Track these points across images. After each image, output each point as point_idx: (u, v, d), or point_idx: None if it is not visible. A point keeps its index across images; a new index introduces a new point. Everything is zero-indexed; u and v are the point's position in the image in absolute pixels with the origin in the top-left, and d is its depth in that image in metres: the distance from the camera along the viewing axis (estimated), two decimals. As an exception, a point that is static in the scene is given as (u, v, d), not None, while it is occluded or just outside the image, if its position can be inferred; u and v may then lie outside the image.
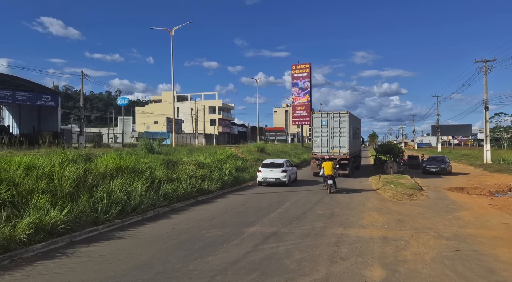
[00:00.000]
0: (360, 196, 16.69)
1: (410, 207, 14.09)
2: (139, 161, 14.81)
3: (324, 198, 15.83)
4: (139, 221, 10.97)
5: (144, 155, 17.65)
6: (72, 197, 10.01)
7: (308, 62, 55.69)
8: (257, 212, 12.77)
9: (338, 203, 14.73)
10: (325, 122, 24.01)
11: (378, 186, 19.62)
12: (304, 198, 15.92)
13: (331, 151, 23.95)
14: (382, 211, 13.00)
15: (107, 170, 12.52)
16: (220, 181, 17.61)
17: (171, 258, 7.61)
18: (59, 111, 40.96)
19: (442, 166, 29.13)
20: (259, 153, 32.24)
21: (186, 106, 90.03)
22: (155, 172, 14.40)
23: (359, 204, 14.44)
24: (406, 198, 15.92)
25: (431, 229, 10.36)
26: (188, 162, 17.60)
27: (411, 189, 17.98)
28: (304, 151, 50.16)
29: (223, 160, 21.65)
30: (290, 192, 17.71)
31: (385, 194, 17.02)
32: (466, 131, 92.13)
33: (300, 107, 56.67)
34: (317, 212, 12.84)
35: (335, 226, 10.64)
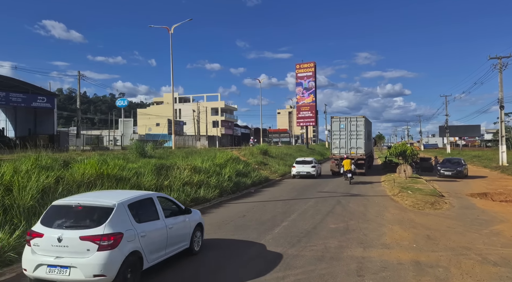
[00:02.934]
0: (376, 204, 14.83)
1: (435, 218, 12.21)
2: (125, 167, 13.05)
3: (335, 208, 13.98)
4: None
5: (135, 159, 15.92)
6: (34, 213, 8.26)
7: (313, 61, 53.89)
8: (259, 226, 10.97)
9: (352, 213, 12.89)
10: (343, 125, 26.65)
11: (393, 192, 17.74)
12: (312, 207, 14.09)
13: (348, 152, 26.28)
14: (405, 225, 11.14)
15: (84, 178, 10.76)
16: (219, 188, 15.83)
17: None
18: (55, 113, 39.58)
19: (458, 169, 27.20)
20: (262, 155, 30.44)
21: (188, 108, 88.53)
22: (142, 179, 12.64)
23: (376, 215, 12.59)
24: (429, 207, 14.04)
25: (471, 249, 8.50)
26: (183, 167, 15.83)
27: (431, 196, 16.10)
28: (309, 153, 48.27)
29: (222, 164, 19.86)
30: (296, 200, 15.89)
31: (404, 202, 15.15)
32: (475, 131, 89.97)
33: (304, 108, 54.79)
34: (330, 225, 11.00)
35: (352, 246, 8.82)
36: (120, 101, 57.16)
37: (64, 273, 5.48)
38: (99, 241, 5.54)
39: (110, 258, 5.53)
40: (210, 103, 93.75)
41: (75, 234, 5.58)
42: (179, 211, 7.82)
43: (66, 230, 5.68)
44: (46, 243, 5.62)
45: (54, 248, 5.58)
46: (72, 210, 5.99)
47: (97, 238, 5.54)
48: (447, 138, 73.76)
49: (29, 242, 5.78)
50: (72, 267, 5.47)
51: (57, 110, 43.66)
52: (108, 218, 5.78)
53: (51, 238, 5.60)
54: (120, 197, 6.44)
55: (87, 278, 5.46)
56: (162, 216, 7.04)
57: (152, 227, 6.61)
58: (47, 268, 5.53)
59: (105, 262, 5.47)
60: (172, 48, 36.05)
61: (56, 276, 5.51)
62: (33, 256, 5.66)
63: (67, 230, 5.67)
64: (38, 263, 5.59)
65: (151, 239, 6.45)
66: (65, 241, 5.55)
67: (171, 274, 6.92)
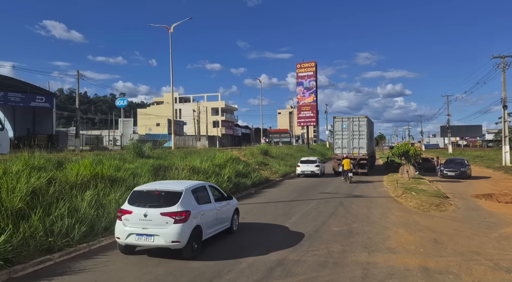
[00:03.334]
0: (379, 206, 14.43)
1: (441, 221, 11.81)
2: (121, 168, 12.67)
3: (338, 210, 13.58)
4: (111, 243, 8.79)
5: (132, 160, 15.53)
6: (22, 215, 7.87)
7: (314, 61, 53.43)
8: (259, 228, 10.58)
9: (355, 215, 12.49)
10: (345, 125, 26.53)
11: (397, 193, 17.34)
12: (314, 209, 13.69)
13: (351, 152, 26.24)
14: (410, 227, 10.74)
15: (78, 179, 10.38)
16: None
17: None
18: (54, 112, 39.26)
19: (462, 170, 26.78)
20: (263, 156, 30.03)
21: (188, 108, 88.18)
22: (139, 180, 12.24)
23: (380, 217, 12.19)
24: (434, 209, 13.64)
25: (481, 254, 8.10)
26: (181, 168, 15.45)
27: (436, 197, 15.70)
28: (310, 154, 47.84)
29: (222, 164, 19.46)
30: (297, 202, 15.50)
31: (408, 203, 14.75)
32: (476, 131, 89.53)
33: (305, 108, 54.38)
34: (332, 228, 10.61)
35: (357, 250, 8.42)
36: (119, 101, 56.71)
37: (149, 240, 7.42)
38: (175, 216, 7.39)
39: (183, 229, 7.38)
40: (211, 103, 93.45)
41: (157, 211, 7.48)
42: (222, 197, 9.62)
43: (149, 208, 7.58)
44: (134, 218, 7.51)
45: (141, 222, 7.47)
46: (151, 193, 8.02)
47: (173, 214, 7.41)
48: (448, 138, 73.30)
49: (120, 218, 7.67)
50: (155, 236, 7.36)
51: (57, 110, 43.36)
52: (180, 199, 7.67)
53: (138, 214, 7.49)
54: (184, 184, 8.49)
55: (167, 243, 7.34)
56: (212, 200, 8.95)
57: (207, 208, 8.50)
58: (136, 236, 7.45)
59: (179, 232, 7.33)
60: (171, 48, 35.74)
61: (143, 242, 7.50)
62: (125, 227, 7.55)
63: (150, 208, 7.57)
64: (129, 233, 7.48)
65: (207, 217, 8.32)
66: (149, 216, 7.44)
67: (218, 246, 8.85)
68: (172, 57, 36.00)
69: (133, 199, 7.87)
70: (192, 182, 9.18)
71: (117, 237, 7.66)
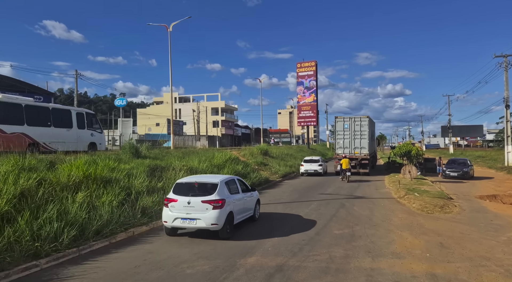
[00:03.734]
0: (382, 208, 14.03)
1: (447, 223, 11.42)
2: (115, 168, 12.27)
3: (339, 211, 13.19)
4: (103, 247, 8.42)
5: (128, 160, 15.14)
6: (8, 219, 7.48)
7: (314, 60, 52.99)
8: (258, 231, 10.19)
9: (357, 218, 12.09)
10: (347, 125, 26.37)
11: (399, 194, 16.94)
12: (314, 211, 13.30)
13: (352, 152, 26.15)
14: (415, 230, 10.35)
15: (70, 180, 9.99)
16: (216, 190, 15.03)
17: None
18: (52, 112, 38.77)
19: (464, 170, 26.40)
20: (262, 156, 29.62)
21: (188, 108, 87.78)
22: (134, 182, 11.85)
23: (383, 220, 11.79)
24: (438, 210, 13.25)
25: (490, 260, 7.71)
26: (178, 168, 15.05)
27: (440, 198, 15.31)
28: (311, 154, 47.46)
29: (221, 164, 19.07)
30: (297, 203, 15.12)
31: (411, 205, 14.35)
32: (478, 131, 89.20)
33: (305, 107, 53.96)
34: (334, 231, 10.22)
35: (360, 255, 8.03)
36: (118, 100, 56.07)
37: (192, 223, 8.98)
38: (214, 203, 8.91)
39: (220, 214, 8.93)
40: (210, 103, 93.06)
41: (198, 199, 9.00)
42: (247, 189, 11.20)
43: (191, 197, 9.09)
44: (179, 205, 9.05)
45: (185, 208, 9.00)
46: (191, 185, 9.55)
47: (212, 201, 8.95)
48: (449, 138, 72.88)
49: (166, 205, 9.19)
50: (198, 219, 8.90)
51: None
52: (216, 189, 9.20)
53: (183, 201, 9.03)
54: (218, 178, 10.13)
55: (207, 225, 8.88)
56: (240, 191, 10.52)
57: (237, 198, 10.09)
58: (181, 220, 9.02)
59: (217, 216, 8.88)
60: (170, 46, 35.36)
61: (187, 225, 9.07)
62: (171, 213, 9.07)
63: (192, 197, 9.08)
64: (175, 217, 9.03)
65: (237, 205, 9.93)
66: (192, 203, 8.97)
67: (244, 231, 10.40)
68: (171, 57, 35.66)
69: (177, 189, 9.46)
70: (224, 176, 11.17)
71: (165, 221, 9.22)
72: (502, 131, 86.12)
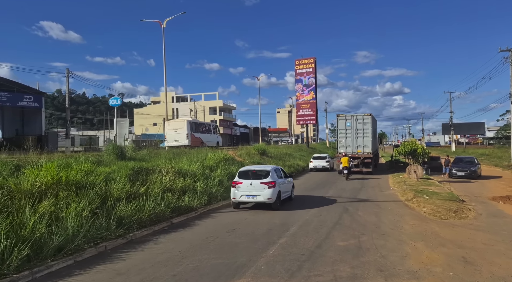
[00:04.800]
0: (389, 213, 12.73)
1: (464, 231, 10.12)
2: (92, 172, 10.95)
3: (342, 217, 11.87)
4: (65, 268, 7.10)
5: (110, 162, 13.83)
6: None
7: (313, 57, 51.58)
8: (251, 244, 8.89)
9: (363, 225, 10.78)
10: (349, 123, 25.81)
11: (407, 196, 15.65)
12: (315, 217, 11.99)
13: (355, 150, 25.56)
14: (430, 241, 9.04)
15: (34, 187, 8.66)
16: (207, 194, 13.73)
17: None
18: (43, 112, 37.72)
19: (472, 169, 25.16)
20: (260, 156, 28.30)
21: (185, 107, 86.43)
22: (113, 187, 10.52)
23: (392, 227, 10.49)
24: (452, 215, 11.95)
25: (527, 280, 6.41)
26: (165, 170, 13.74)
27: (451, 201, 14.02)
28: (310, 153, 46.16)
29: (214, 166, 17.74)
30: (296, 210, 13.81)
31: (421, 209, 13.05)
32: (479, 129, 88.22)
33: (304, 105, 52.59)
34: (338, 243, 8.91)
35: (370, 274, 6.73)
36: (113, 100, 54.45)
37: (254, 198, 12.84)
38: (268, 184, 12.71)
39: (273, 191, 12.73)
40: (208, 102, 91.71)
41: (258, 181, 12.85)
42: (286, 176, 14.88)
43: (253, 180, 12.97)
44: (244, 186, 12.88)
45: (248, 188, 12.82)
46: (251, 172, 13.51)
47: (267, 183, 12.74)
48: (451, 135, 71.65)
49: (234, 186, 13.05)
50: (258, 195, 12.71)
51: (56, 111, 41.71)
52: (269, 174, 13.00)
53: (246, 183, 12.87)
54: (269, 166, 14.18)
55: (264, 200, 12.67)
56: (283, 177, 14.30)
57: (282, 181, 13.80)
58: (245, 196, 12.86)
59: (272, 193, 12.70)
60: (164, 43, 34.22)
61: (250, 199, 12.93)
62: (238, 191, 12.89)
63: (253, 180, 12.95)
64: (241, 195, 12.86)
65: (282, 187, 13.62)
66: (253, 184, 12.82)
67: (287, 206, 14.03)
68: (165, 54, 34.41)
69: (241, 175, 13.32)
70: (272, 165, 15.19)
71: (233, 197, 13.09)
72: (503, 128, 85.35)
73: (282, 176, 14.15)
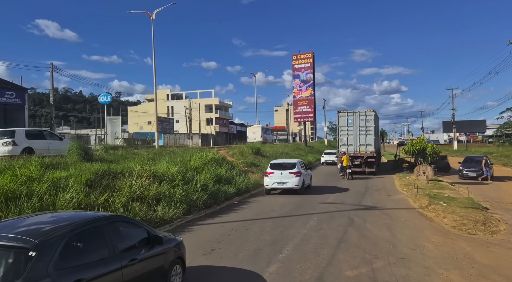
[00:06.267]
0: (404, 225, 10.59)
1: (504, 253, 7.99)
2: (37, 178, 8.76)
3: (348, 232, 9.72)
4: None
5: (71, 165, 11.66)
6: None
7: (311, 51, 49.39)
8: (230, 272, 6.75)
9: (374, 243, 8.64)
10: (351, 120, 24.25)
11: (420, 203, 13.54)
12: (314, 231, 9.84)
13: (357, 149, 23.97)
14: (465, 268, 6.91)
15: None
16: (186, 203, 11.56)
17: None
18: (26, 109, 35.66)
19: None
20: (254, 155, 26.16)
21: (181, 105, 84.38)
22: (60, 197, 8.34)
23: (412, 247, 8.35)
24: (481, 229, 9.82)
25: None
26: (136, 174, 11.55)
27: (475, 209, 11.89)
28: (308, 152, 44.06)
29: (199, 167, 15.58)
30: (292, 218, 11.68)
31: (441, 220, 10.93)
32: (481, 127, 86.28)
33: (302, 102, 50.40)
34: (345, 272, 6.77)
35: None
36: (102, 96, 52.33)
37: (283, 185, 16.08)
38: (295, 174, 16.01)
39: (299, 179, 16.00)
40: (204, 99, 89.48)
41: (287, 171, 16.13)
42: (306, 168, 18.39)
43: (283, 170, 16.24)
44: (275, 175, 16.19)
45: (278, 176, 16.11)
46: (281, 164, 16.90)
47: (294, 172, 16.07)
48: (454, 133, 69.75)
49: (267, 175, 16.43)
50: (287, 183, 15.98)
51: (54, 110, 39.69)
52: (296, 166, 16.39)
53: (277, 173, 16.19)
54: (295, 160, 17.72)
55: (292, 186, 15.90)
56: (305, 168, 17.85)
57: (305, 172, 17.33)
58: (276, 184, 16.17)
59: (298, 180, 15.97)
60: (153, 35, 32.32)
61: (280, 186, 16.17)
62: (270, 180, 16.22)
63: (283, 170, 16.23)
64: (272, 182, 16.19)
65: (305, 176, 16.97)
66: (283, 174, 16.08)
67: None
68: (154, 47, 32.39)
69: (272, 166, 16.51)
70: (296, 159, 18.29)
71: (266, 185, 16.31)
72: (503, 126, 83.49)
73: (305, 167, 17.78)
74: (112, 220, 4.83)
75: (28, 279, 3.30)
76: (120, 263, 4.31)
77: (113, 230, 4.60)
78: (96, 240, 4.26)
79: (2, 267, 3.41)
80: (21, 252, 3.47)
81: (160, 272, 5.15)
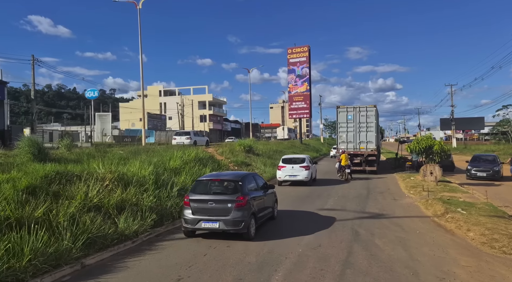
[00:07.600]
0: (420, 239, 8.65)
1: (560, 283, 6.10)
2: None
3: (353, 252, 7.76)
4: None
5: (22, 164, 9.66)
6: None
7: (307, 45, 47.42)
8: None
9: (389, 269, 6.69)
10: (351, 116, 23.08)
11: (434, 209, 11.64)
12: (312, 250, 7.88)
13: (357, 146, 22.79)
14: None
15: None
16: (157, 212, 9.57)
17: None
18: (6, 104, 33.40)
19: (495, 169, 21.31)
20: (245, 154, 24.21)
21: (173, 101, 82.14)
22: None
23: (440, 276, 6.37)
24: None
25: None
26: (95, 176, 9.55)
27: (500, 219, 10.03)
28: (303, 149, 42.16)
29: (179, 167, 13.60)
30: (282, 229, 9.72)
31: (466, 233, 9.02)
32: (479, 124, 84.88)
33: (297, 98, 48.44)
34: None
35: None
36: (89, 92, 49.71)
37: (295, 177, 17.96)
38: (305, 167, 18.02)
39: (309, 172, 18.07)
40: (197, 96, 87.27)
41: (298, 165, 18.10)
42: (313, 163, 20.45)
43: (294, 164, 18.20)
44: (287, 169, 18.15)
45: (290, 170, 18.06)
46: (292, 159, 19.03)
47: (304, 166, 18.07)
48: (453, 131, 68.16)
49: (279, 169, 18.40)
50: (297, 176, 17.87)
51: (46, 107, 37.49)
52: (305, 161, 18.51)
53: (289, 167, 18.17)
54: (304, 155, 20.45)
55: (302, 178, 17.83)
56: (312, 163, 19.80)
57: (313, 166, 19.52)
58: (288, 176, 18.08)
59: (308, 173, 17.99)
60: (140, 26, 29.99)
61: (292, 178, 18.06)
62: (282, 173, 18.27)
63: (294, 164, 18.19)
64: (285, 175, 18.11)
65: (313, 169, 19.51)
66: (294, 168, 18.09)
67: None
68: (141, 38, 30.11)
69: (284, 161, 18.40)
70: (305, 155, 21.48)
71: (279, 177, 18.13)
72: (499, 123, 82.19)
73: (312, 163, 19.39)
74: (253, 173, 10.70)
75: (242, 192, 8.50)
76: (262, 192, 9.79)
77: (254, 178, 9.88)
78: (252, 181, 9.54)
79: (232, 188, 8.69)
80: (236, 182, 8.76)
81: (273, 201, 10.78)
